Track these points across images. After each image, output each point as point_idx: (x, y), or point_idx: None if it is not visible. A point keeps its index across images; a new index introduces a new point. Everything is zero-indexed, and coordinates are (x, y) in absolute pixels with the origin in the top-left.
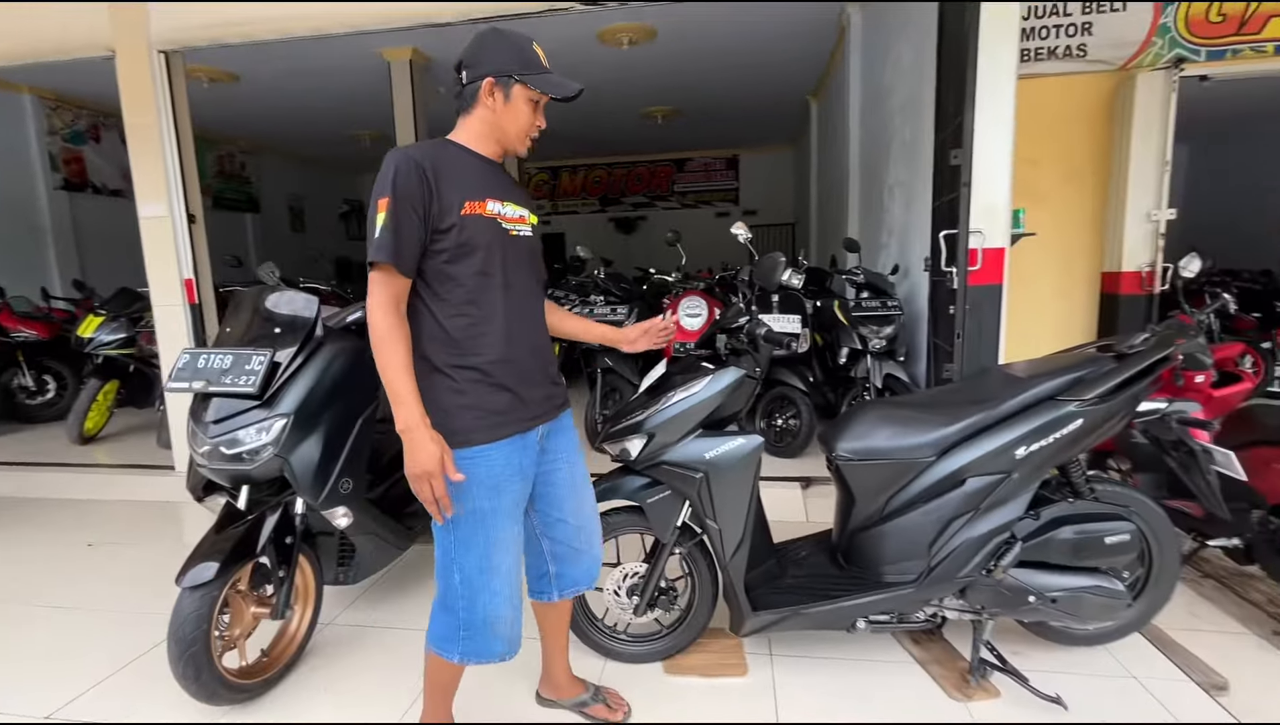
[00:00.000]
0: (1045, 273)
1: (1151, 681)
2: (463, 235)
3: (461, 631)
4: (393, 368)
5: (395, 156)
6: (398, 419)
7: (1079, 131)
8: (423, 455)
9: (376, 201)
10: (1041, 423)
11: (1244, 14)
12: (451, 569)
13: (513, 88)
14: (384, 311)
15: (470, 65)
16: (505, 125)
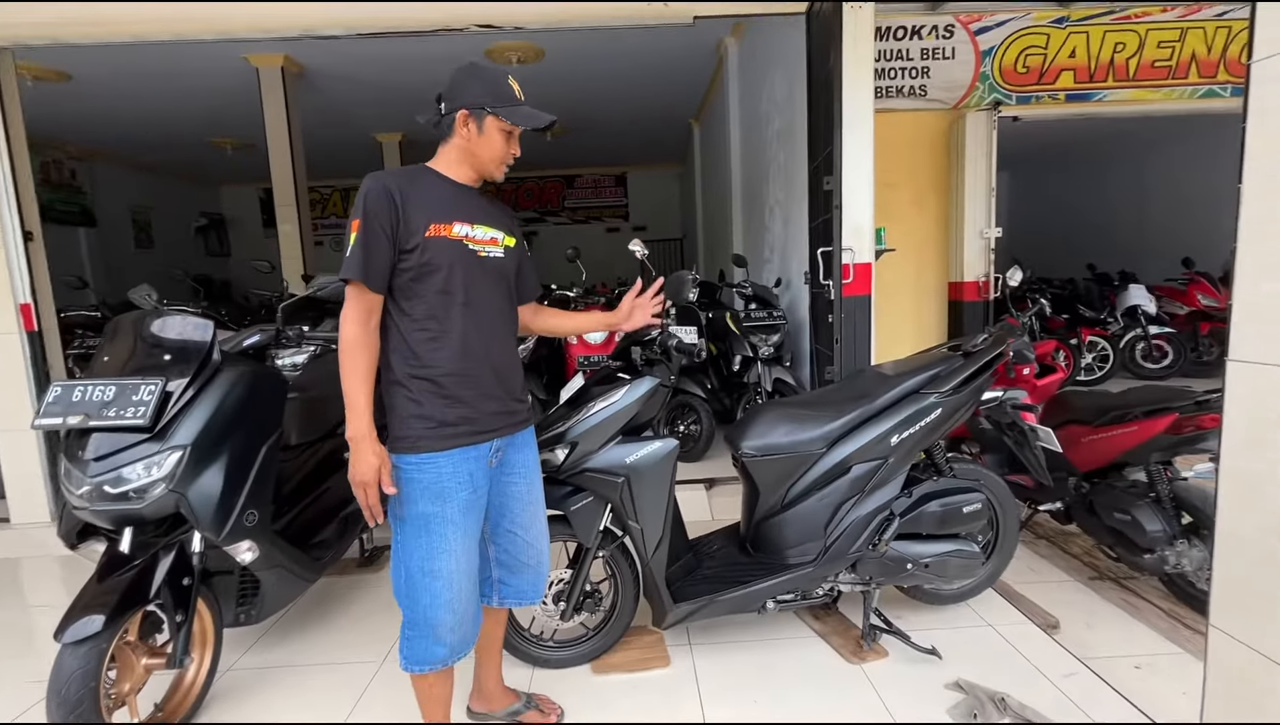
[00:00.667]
0: (904, 284)
1: (1003, 627)
2: (425, 256)
3: (406, 630)
4: (351, 377)
5: (369, 181)
6: (349, 427)
7: (924, 160)
8: (362, 465)
9: (350, 222)
10: (909, 413)
11: (1042, 67)
12: (399, 567)
13: (485, 119)
14: (352, 323)
15: (448, 98)
16: (479, 153)
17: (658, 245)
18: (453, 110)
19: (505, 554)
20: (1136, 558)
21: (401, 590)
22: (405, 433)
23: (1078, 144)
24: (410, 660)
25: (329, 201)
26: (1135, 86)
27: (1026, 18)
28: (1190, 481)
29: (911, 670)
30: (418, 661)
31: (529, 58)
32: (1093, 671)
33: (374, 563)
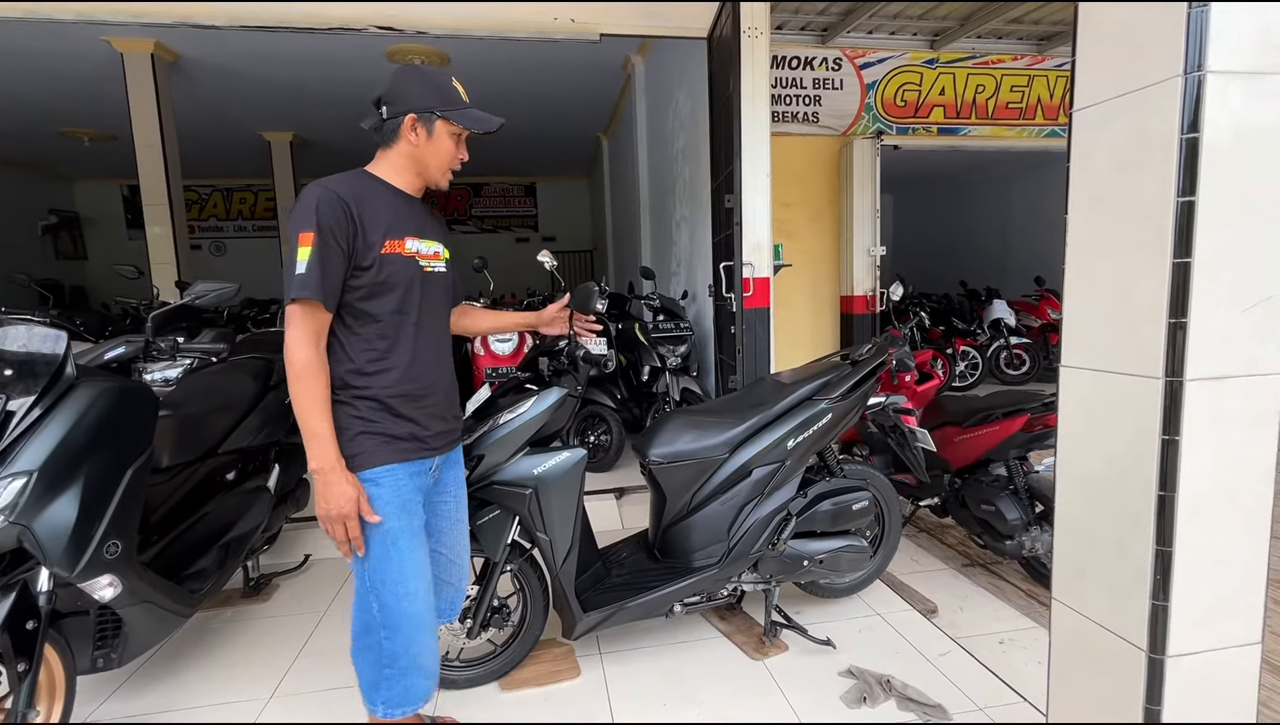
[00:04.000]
0: (800, 297)
1: (890, 615)
2: (381, 274)
3: (385, 669)
4: (308, 403)
5: (316, 190)
6: (311, 458)
7: (818, 182)
8: (337, 497)
9: (298, 235)
10: (804, 418)
11: (917, 101)
12: (369, 600)
13: (435, 123)
14: (303, 346)
15: (391, 101)
16: (427, 160)
17: (568, 256)
18: (398, 114)
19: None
20: (1000, 544)
21: (374, 626)
22: (358, 449)
23: (950, 172)
24: (392, 704)
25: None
26: (994, 124)
27: (903, 56)
28: (1041, 474)
29: (809, 661)
30: (401, 703)
31: (432, 62)
32: (964, 649)
33: (261, 591)
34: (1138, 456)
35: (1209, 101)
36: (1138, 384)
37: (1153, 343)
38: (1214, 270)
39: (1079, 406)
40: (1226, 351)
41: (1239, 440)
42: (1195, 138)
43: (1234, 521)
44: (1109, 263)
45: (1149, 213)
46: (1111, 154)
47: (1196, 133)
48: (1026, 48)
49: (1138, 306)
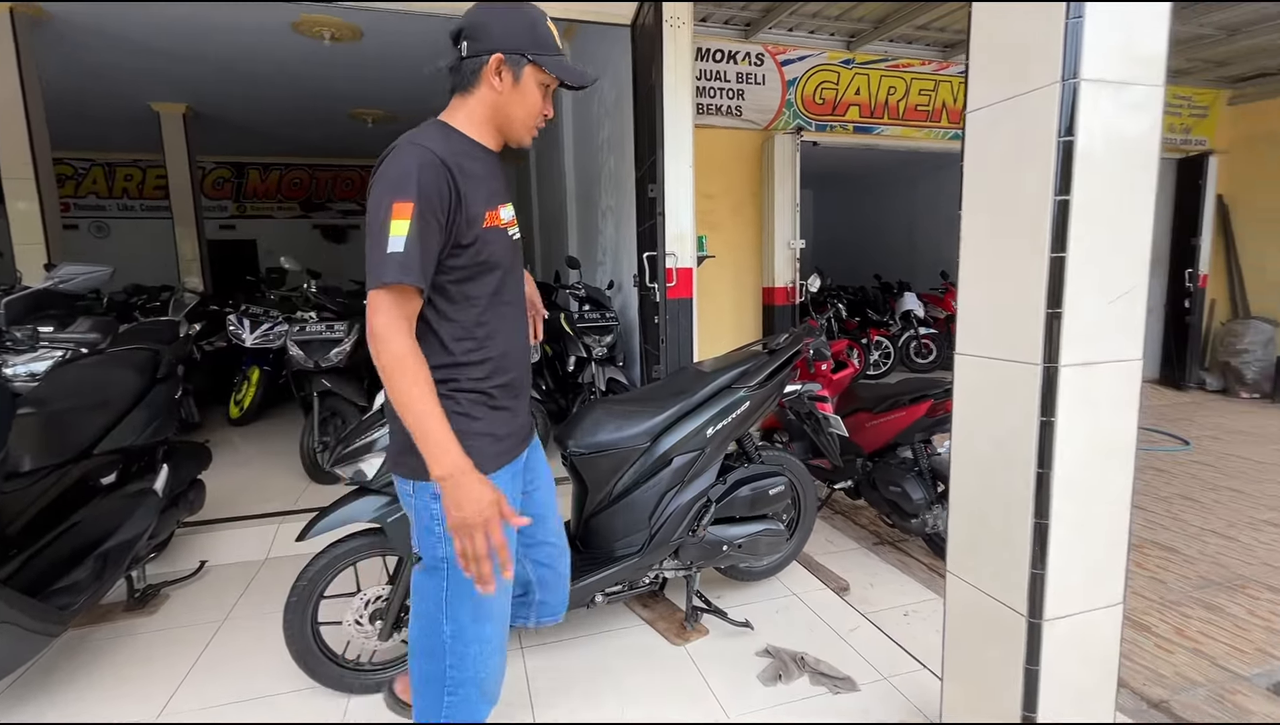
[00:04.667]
0: (723, 288)
1: (806, 595)
2: (482, 253)
3: (448, 697)
4: (418, 400)
5: (415, 151)
6: (436, 464)
7: (741, 174)
8: (475, 501)
9: (391, 203)
10: (723, 406)
11: (835, 100)
12: (440, 623)
13: (524, 68)
14: (401, 335)
15: (474, 36)
16: (511, 111)
17: None
18: (481, 52)
19: (544, 569)
20: (906, 523)
21: (445, 649)
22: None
23: (865, 170)
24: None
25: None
26: (904, 125)
27: (822, 55)
28: (942, 455)
29: (729, 644)
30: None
31: (344, 35)
32: (872, 623)
33: (148, 603)
34: (1020, 437)
35: (1083, 108)
36: (1020, 370)
37: (1033, 332)
38: (1085, 265)
39: (971, 392)
40: (1095, 340)
41: (1105, 421)
42: (1071, 141)
43: (1101, 495)
44: (996, 257)
45: (1030, 210)
46: (1000, 154)
47: (1072, 136)
48: (933, 54)
49: (1020, 298)
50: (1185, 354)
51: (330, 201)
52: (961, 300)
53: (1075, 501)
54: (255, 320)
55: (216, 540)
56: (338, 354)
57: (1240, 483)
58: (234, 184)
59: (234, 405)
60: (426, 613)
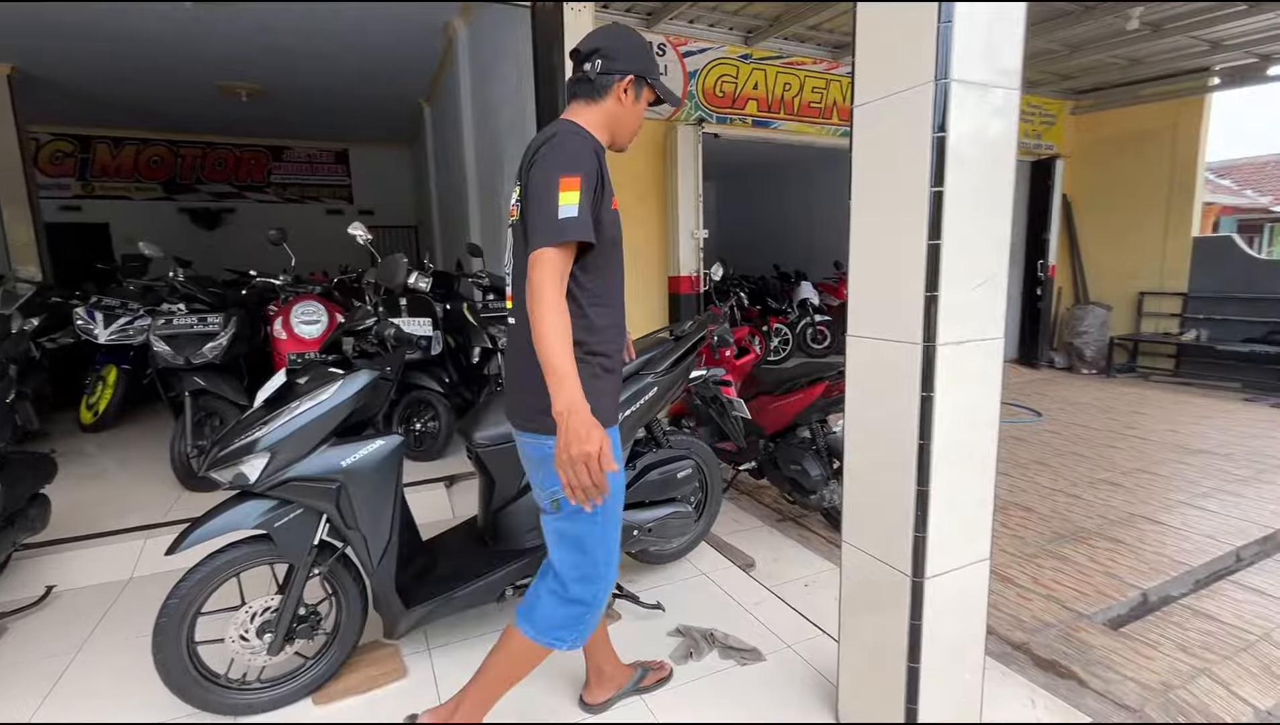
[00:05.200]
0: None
1: (714, 573)
2: (611, 230)
3: (586, 614)
4: (559, 343)
5: (582, 137)
6: (559, 400)
7: (645, 164)
8: (585, 438)
9: (560, 177)
10: (630, 392)
11: (734, 94)
12: (596, 548)
13: (643, 89)
14: (556, 285)
15: (609, 57)
16: (626, 122)
17: (388, 232)
18: (615, 71)
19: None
20: (806, 499)
21: (597, 573)
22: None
23: (764, 163)
24: (578, 641)
25: None
26: (799, 121)
27: (722, 49)
28: (836, 433)
29: (642, 626)
30: (582, 639)
31: None
32: (776, 596)
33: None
34: (903, 412)
35: (953, 106)
36: (903, 350)
37: (913, 313)
38: (956, 251)
39: (862, 371)
40: (965, 320)
41: (974, 395)
42: (943, 137)
43: (970, 462)
44: (881, 244)
45: (910, 200)
46: (882, 147)
47: (944, 132)
48: (824, 54)
49: (902, 282)
50: (1037, 336)
51: (200, 183)
52: (851, 286)
53: (950, 469)
54: (110, 313)
55: (66, 562)
56: (213, 349)
57: (1082, 448)
58: (77, 160)
59: (86, 410)
60: (570, 543)
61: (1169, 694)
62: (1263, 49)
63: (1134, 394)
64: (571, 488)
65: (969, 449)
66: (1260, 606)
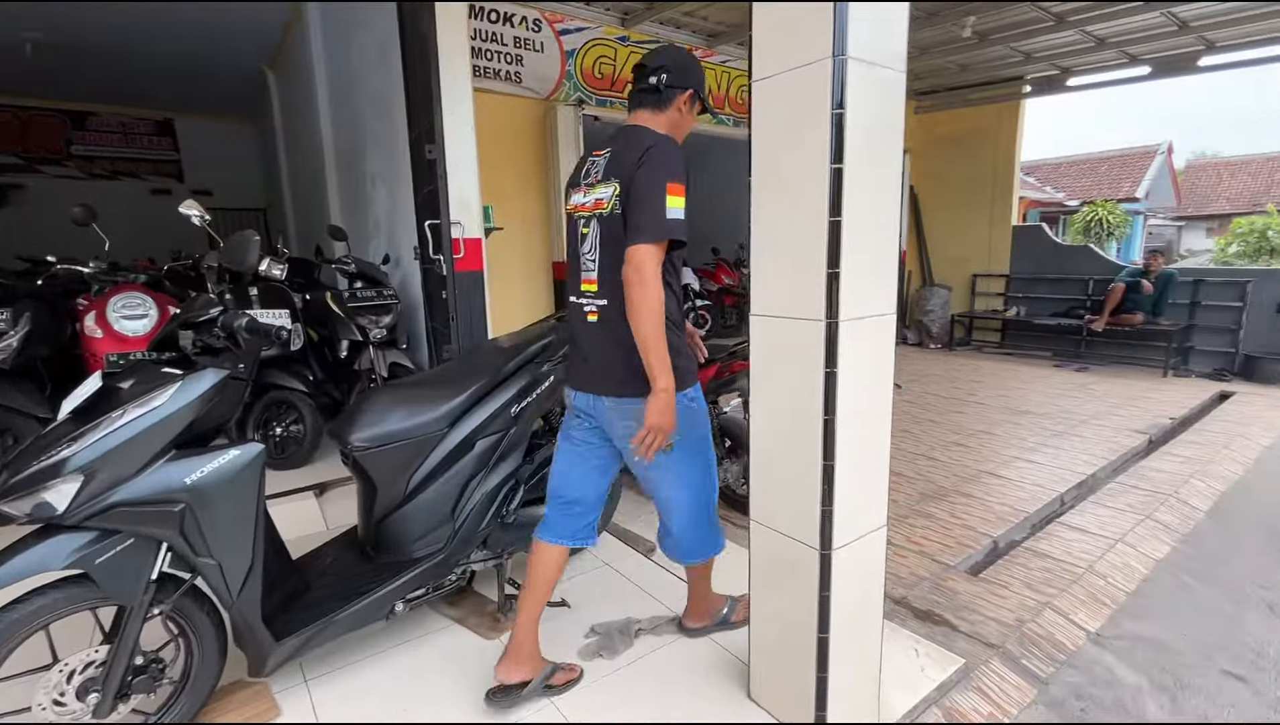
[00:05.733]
0: (515, 262)
1: (617, 562)
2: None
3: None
4: (661, 330)
5: (675, 144)
6: (662, 378)
7: (525, 144)
8: (671, 416)
9: (667, 183)
10: (527, 382)
11: (613, 75)
12: (709, 478)
13: (697, 104)
14: (660, 278)
15: (676, 73)
16: (684, 129)
17: (232, 216)
18: (681, 86)
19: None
20: None
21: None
22: (687, 369)
23: None
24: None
25: None
26: None
27: (599, 29)
28: (728, 414)
29: (548, 626)
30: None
31: None
32: (679, 579)
33: None
34: (808, 388)
35: (851, 83)
36: (807, 327)
37: (816, 290)
38: (854, 228)
39: (766, 350)
40: (863, 296)
41: (872, 369)
42: (841, 113)
43: (870, 434)
44: (783, 222)
45: (811, 177)
46: (782, 124)
47: (843, 109)
48: (699, 41)
49: (805, 259)
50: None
51: None
52: (755, 264)
53: (851, 442)
54: None
55: None
56: (1, 351)
57: (934, 414)
58: None
59: None
60: (695, 484)
61: (1022, 628)
62: (1063, 62)
63: (972, 365)
64: (648, 442)
65: (868, 421)
66: (1083, 543)
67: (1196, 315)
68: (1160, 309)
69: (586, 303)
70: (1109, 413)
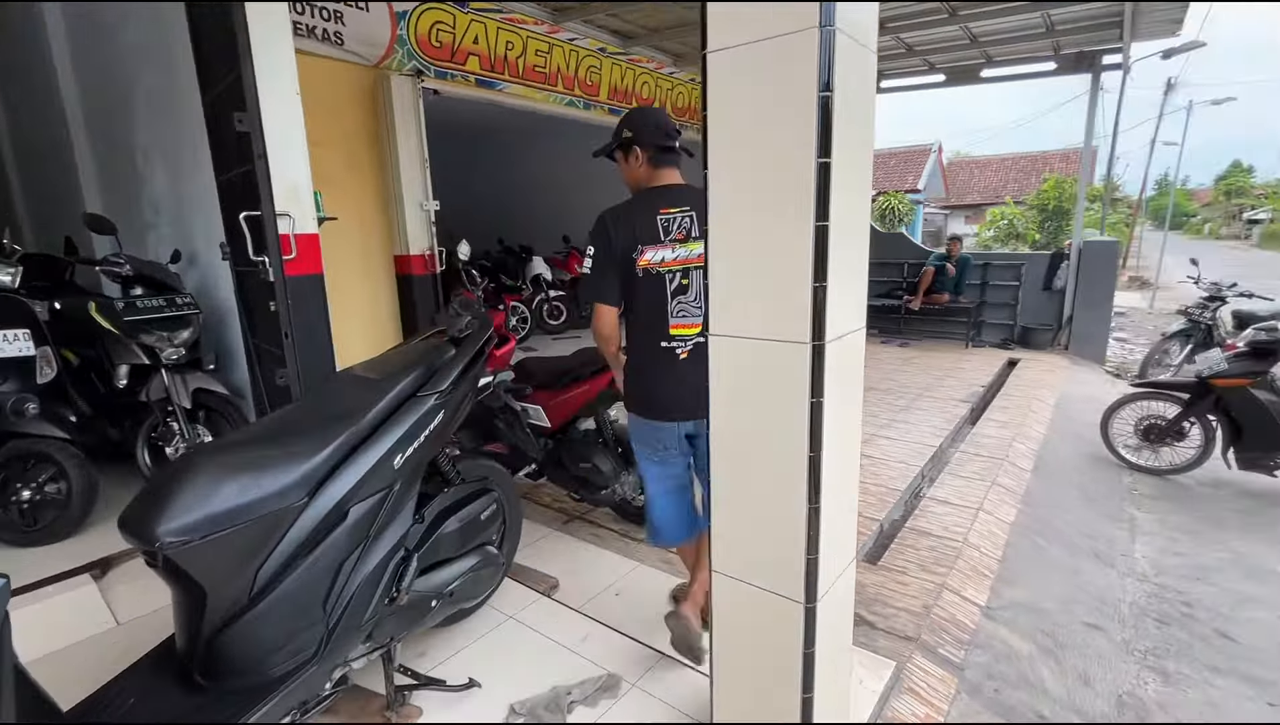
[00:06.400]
0: (349, 257)
1: (522, 613)
2: None
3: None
4: None
5: None
6: None
7: (354, 119)
8: None
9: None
10: (411, 423)
11: (453, 45)
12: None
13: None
14: None
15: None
16: None
17: None
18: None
19: None
20: (596, 496)
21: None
22: None
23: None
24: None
25: None
26: (525, 84)
27: None
28: (620, 422)
29: (458, 712)
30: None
31: None
32: (595, 620)
33: None
34: (789, 422)
35: (839, 61)
36: (787, 351)
37: (799, 307)
38: (839, 233)
39: (730, 376)
40: (841, 311)
41: (848, 393)
42: (829, 96)
43: (845, 464)
44: (752, 224)
45: (791, 174)
46: (752, 106)
47: (830, 91)
48: (545, 15)
49: (784, 270)
50: None
51: None
52: (713, 273)
53: (833, 477)
54: None
55: None
56: None
57: None
58: None
59: None
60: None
61: (929, 614)
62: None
63: None
64: None
65: (845, 449)
66: (953, 516)
67: (986, 293)
68: (960, 288)
69: (679, 345)
70: (936, 384)
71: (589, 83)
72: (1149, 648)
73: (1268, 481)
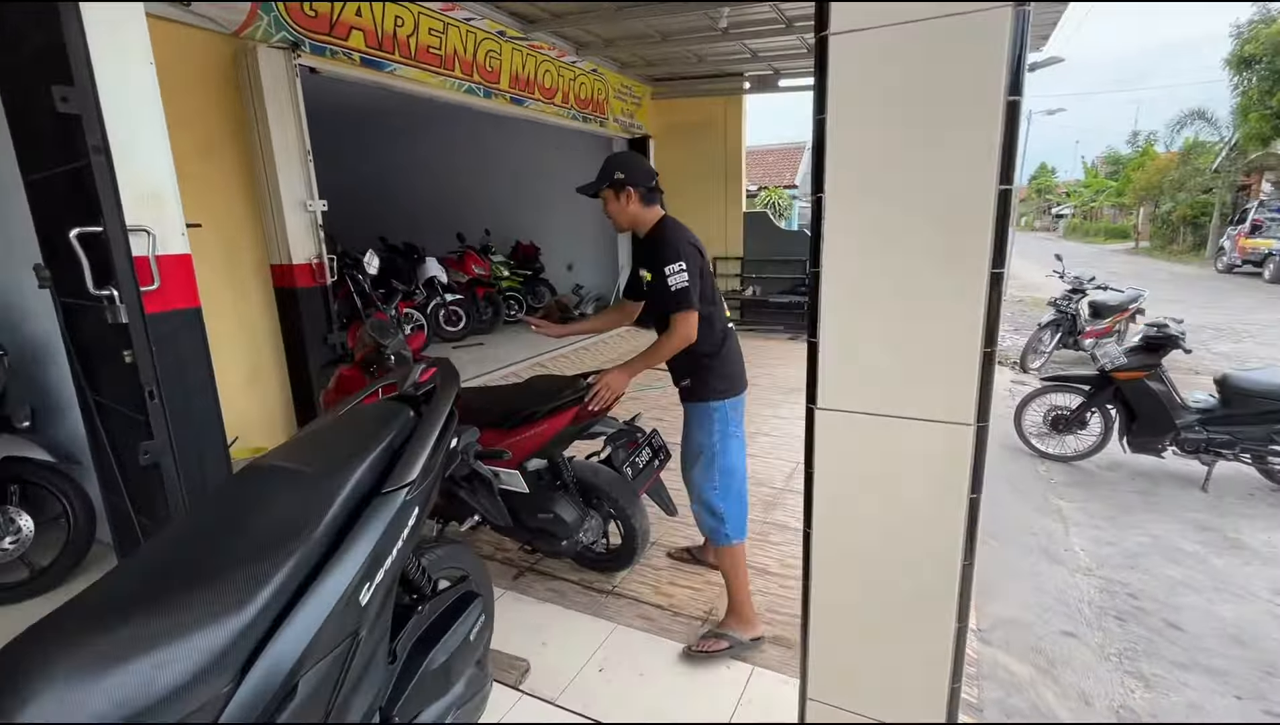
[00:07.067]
0: (210, 266)
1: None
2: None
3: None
4: None
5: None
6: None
7: (211, 98)
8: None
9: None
10: (380, 535)
11: (331, 17)
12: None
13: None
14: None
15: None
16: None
17: None
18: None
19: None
20: (557, 547)
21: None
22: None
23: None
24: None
25: None
26: (418, 67)
27: None
28: (577, 462)
29: None
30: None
31: None
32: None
33: None
34: (939, 519)
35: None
36: (938, 433)
37: (965, 378)
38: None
39: (839, 462)
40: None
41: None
42: (1016, 101)
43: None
44: (888, 267)
45: (965, 203)
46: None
47: (1018, 95)
48: None
49: (941, 330)
50: None
51: None
52: (824, 328)
53: None
54: None
55: None
56: None
57: None
58: None
59: None
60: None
61: None
62: (778, 64)
63: None
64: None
65: None
66: None
67: None
68: None
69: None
70: None
71: (488, 69)
72: (1121, 650)
73: (1154, 462)
